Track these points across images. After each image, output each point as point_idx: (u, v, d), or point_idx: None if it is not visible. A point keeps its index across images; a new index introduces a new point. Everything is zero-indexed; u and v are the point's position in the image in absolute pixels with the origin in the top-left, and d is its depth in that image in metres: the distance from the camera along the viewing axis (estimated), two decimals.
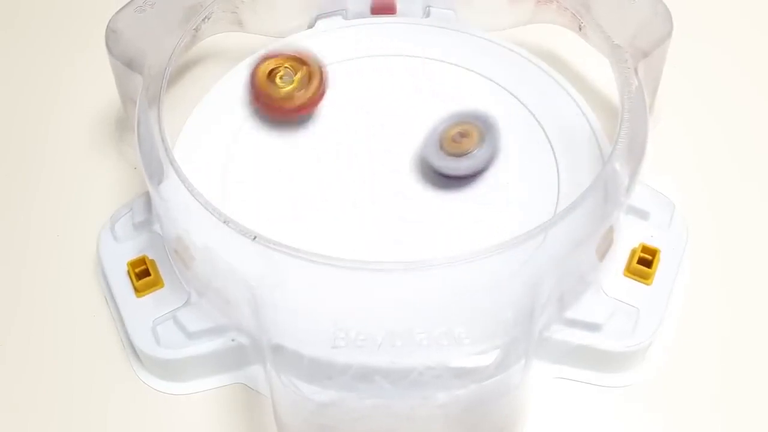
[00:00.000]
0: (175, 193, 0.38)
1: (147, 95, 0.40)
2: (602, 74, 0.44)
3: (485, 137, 0.42)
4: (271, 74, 0.44)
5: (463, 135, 0.42)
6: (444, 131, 0.42)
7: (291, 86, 0.43)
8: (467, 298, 0.36)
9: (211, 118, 0.45)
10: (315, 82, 0.43)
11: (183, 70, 0.48)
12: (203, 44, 0.46)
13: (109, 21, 0.43)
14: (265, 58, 0.44)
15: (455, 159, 0.42)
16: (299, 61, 0.44)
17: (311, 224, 0.41)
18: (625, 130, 0.39)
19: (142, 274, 0.40)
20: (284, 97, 0.43)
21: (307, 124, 0.45)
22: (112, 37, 0.43)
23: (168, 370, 0.39)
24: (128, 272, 0.40)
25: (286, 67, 0.44)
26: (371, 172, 0.43)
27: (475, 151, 0.41)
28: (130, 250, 0.41)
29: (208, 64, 0.49)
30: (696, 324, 0.41)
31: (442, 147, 0.42)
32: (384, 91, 0.46)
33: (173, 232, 0.39)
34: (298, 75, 0.43)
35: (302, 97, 0.43)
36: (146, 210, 0.42)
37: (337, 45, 0.48)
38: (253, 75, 0.44)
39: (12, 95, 0.50)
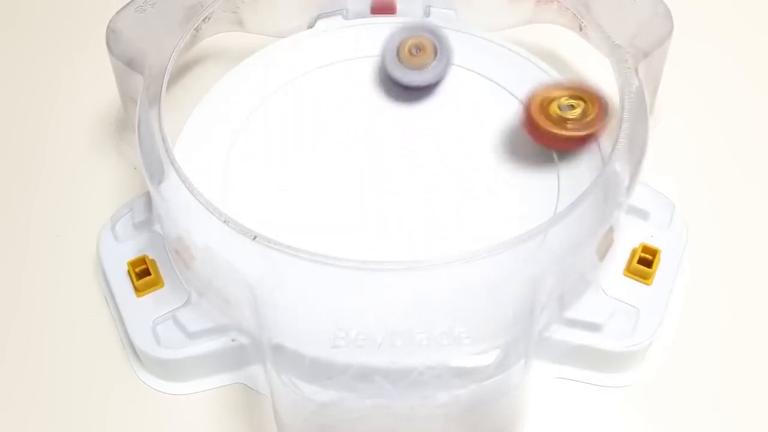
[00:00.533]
0: (175, 193, 0.38)
1: (147, 95, 0.40)
2: (602, 74, 0.44)
3: (438, 50, 0.45)
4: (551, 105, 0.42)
5: (419, 49, 0.44)
6: (400, 45, 0.45)
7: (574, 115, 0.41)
8: (467, 298, 0.36)
9: (211, 118, 0.45)
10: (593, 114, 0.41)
11: (183, 70, 0.48)
12: (203, 44, 0.46)
13: (110, 21, 0.43)
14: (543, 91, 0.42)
15: (413, 72, 0.45)
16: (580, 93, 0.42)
17: (311, 224, 0.41)
18: (625, 130, 0.39)
19: (142, 273, 0.40)
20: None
21: (306, 124, 0.45)
22: (112, 37, 0.43)
23: (168, 370, 0.39)
24: (128, 272, 0.40)
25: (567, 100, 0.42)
26: (371, 171, 0.43)
27: (432, 64, 0.45)
28: (130, 250, 0.41)
29: (208, 64, 0.49)
30: (696, 324, 0.41)
31: (400, 60, 0.45)
32: (384, 91, 0.46)
33: (173, 232, 0.39)
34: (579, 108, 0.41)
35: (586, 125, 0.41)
36: (146, 210, 0.42)
37: (337, 45, 0.48)
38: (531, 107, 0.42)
39: (12, 95, 0.50)
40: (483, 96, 0.46)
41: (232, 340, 0.39)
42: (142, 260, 0.40)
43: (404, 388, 0.34)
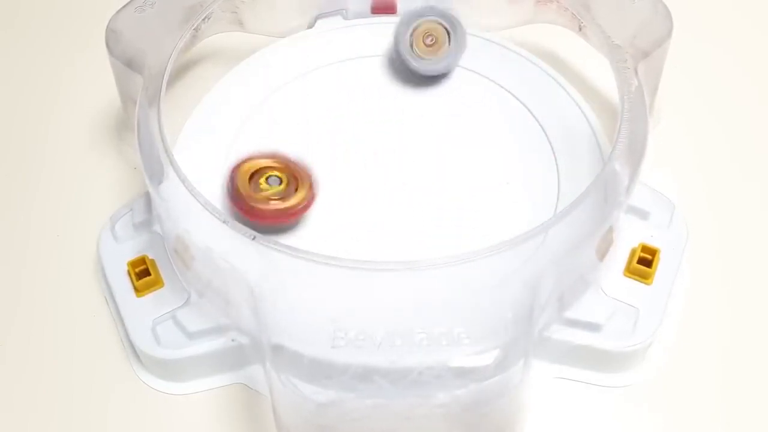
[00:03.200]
0: (175, 193, 0.38)
1: (147, 95, 0.40)
2: (602, 74, 0.44)
3: (451, 37, 0.45)
4: (254, 177, 0.40)
5: (433, 39, 0.45)
6: (414, 34, 0.45)
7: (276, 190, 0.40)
8: (467, 298, 0.36)
9: (211, 118, 0.45)
10: (302, 191, 0.40)
11: (183, 70, 0.48)
12: (203, 44, 0.46)
13: (109, 21, 0.43)
14: (247, 160, 0.41)
15: (428, 61, 0.45)
16: (285, 167, 0.41)
17: (311, 224, 0.41)
18: (625, 130, 0.39)
19: (142, 273, 0.40)
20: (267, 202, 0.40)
21: (306, 124, 0.45)
22: (112, 37, 0.43)
23: (168, 370, 0.39)
24: (128, 272, 0.40)
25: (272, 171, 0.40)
26: (371, 171, 0.43)
27: (446, 53, 0.45)
28: (130, 250, 0.41)
29: (208, 64, 0.49)
30: (696, 324, 0.41)
31: (413, 50, 0.45)
32: (384, 91, 0.46)
33: (173, 232, 0.39)
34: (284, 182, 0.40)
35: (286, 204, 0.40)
36: (146, 210, 0.42)
37: (337, 45, 0.48)
38: (234, 177, 0.40)
39: (12, 95, 0.50)
40: (483, 96, 0.46)
41: (232, 340, 0.39)
42: (142, 260, 0.40)
43: (404, 388, 0.34)
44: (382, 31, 0.48)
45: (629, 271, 0.40)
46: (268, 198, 0.40)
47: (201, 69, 0.49)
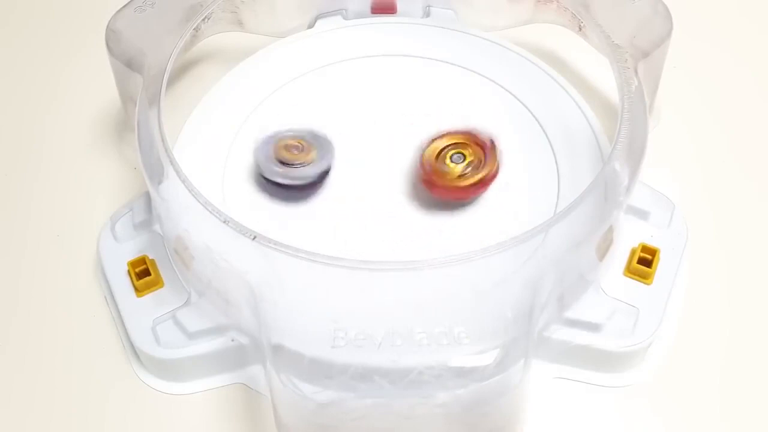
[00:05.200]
0: (175, 193, 0.38)
1: (147, 95, 0.40)
2: (602, 74, 0.44)
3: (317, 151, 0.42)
4: (440, 154, 0.41)
5: (299, 148, 0.42)
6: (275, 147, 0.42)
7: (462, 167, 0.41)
8: (467, 298, 0.36)
9: (211, 118, 0.45)
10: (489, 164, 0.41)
11: (183, 70, 0.48)
12: (203, 44, 0.46)
13: (109, 21, 0.43)
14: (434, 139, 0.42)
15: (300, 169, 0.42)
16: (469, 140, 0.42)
17: (311, 224, 0.41)
18: (624, 130, 0.39)
19: (142, 273, 0.40)
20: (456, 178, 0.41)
21: (306, 124, 0.45)
22: (112, 37, 0.43)
23: (168, 370, 0.39)
24: (128, 272, 0.40)
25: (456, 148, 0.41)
26: (371, 171, 0.43)
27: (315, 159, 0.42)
28: (130, 250, 0.41)
29: (208, 64, 0.49)
30: (696, 324, 0.41)
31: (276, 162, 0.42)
32: (384, 91, 0.46)
33: (173, 232, 0.39)
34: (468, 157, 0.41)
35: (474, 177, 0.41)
36: (146, 210, 0.42)
37: (337, 45, 0.48)
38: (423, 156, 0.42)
39: (12, 95, 0.50)
40: (482, 96, 0.46)
41: (232, 340, 0.39)
42: (142, 260, 0.40)
43: (404, 388, 0.34)
44: (382, 31, 0.48)
45: (629, 271, 0.40)
46: (460, 175, 0.41)
47: (201, 69, 0.49)
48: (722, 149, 0.47)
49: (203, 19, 0.45)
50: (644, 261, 0.40)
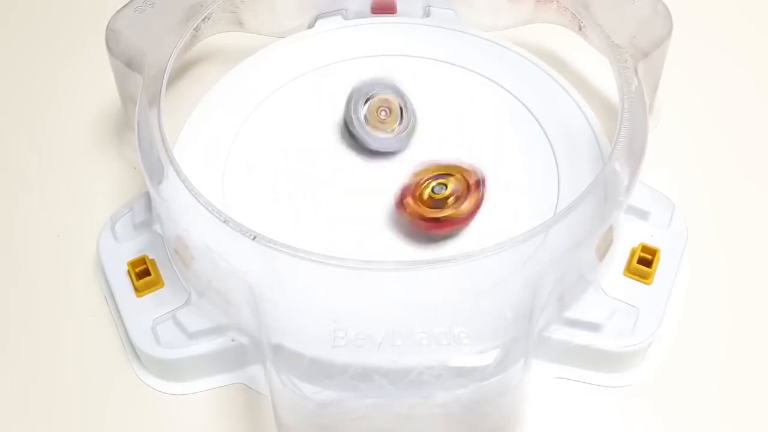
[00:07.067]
0: (175, 193, 0.38)
1: (147, 95, 0.40)
2: (602, 74, 0.44)
3: (402, 113, 0.43)
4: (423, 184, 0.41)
5: (387, 113, 0.43)
6: (367, 105, 0.43)
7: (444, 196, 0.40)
8: (467, 298, 0.36)
9: (211, 118, 0.45)
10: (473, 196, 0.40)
11: (183, 70, 0.48)
12: (203, 44, 0.46)
13: (109, 21, 0.43)
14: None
15: (381, 138, 0.43)
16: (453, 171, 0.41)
17: (311, 224, 0.41)
18: (624, 130, 0.39)
19: (142, 273, 0.40)
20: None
21: (306, 124, 0.45)
22: (112, 37, 0.43)
23: (168, 370, 0.39)
24: (128, 272, 0.40)
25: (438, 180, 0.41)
26: (371, 171, 0.43)
27: (396, 128, 0.43)
28: (130, 250, 0.41)
29: (208, 64, 0.49)
30: (696, 324, 0.41)
31: (367, 122, 0.43)
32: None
33: (173, 232, 0.39)
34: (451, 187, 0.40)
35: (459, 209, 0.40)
36: (146, 210, 0.42)
37: (337, 45, 0.48)
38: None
39: (12, 95, 0.50)
40: (482, 96, 0.46)
41: (232, 340, 0.39)
42: (142, 260, 0.40)
43: (404, 388, 0.34)
44: (382, 31, 0.48)
45: (629, 271, 0.40)
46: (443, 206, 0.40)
47: (201, 69, 0.49)
48: (722, 149, 0.47)
49: (203, 19, 0.45)
50: (644, 261, 0.40)
